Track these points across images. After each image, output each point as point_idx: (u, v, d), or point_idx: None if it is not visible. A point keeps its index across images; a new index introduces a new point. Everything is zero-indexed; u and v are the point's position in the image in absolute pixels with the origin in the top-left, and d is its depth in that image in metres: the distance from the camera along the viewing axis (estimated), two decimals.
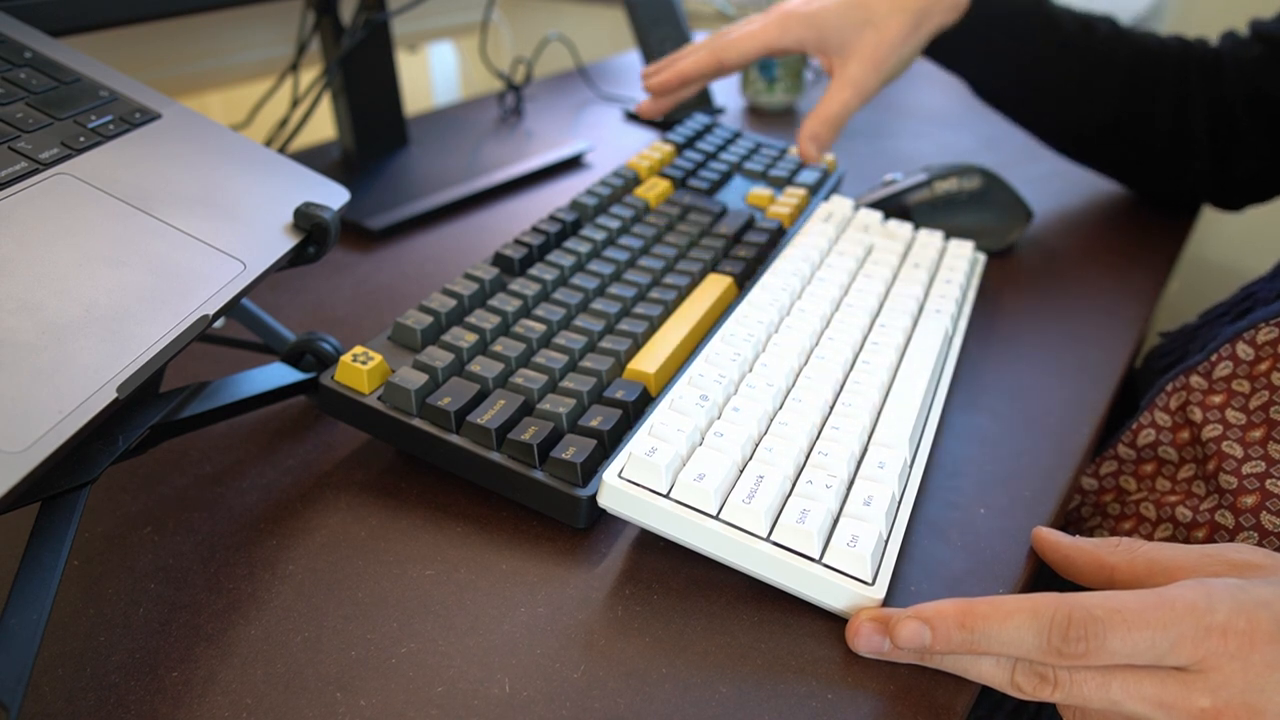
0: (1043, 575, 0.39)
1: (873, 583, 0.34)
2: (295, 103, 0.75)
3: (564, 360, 0.44)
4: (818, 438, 0.40)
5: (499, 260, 0.52)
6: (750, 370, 0.44)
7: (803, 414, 0.41)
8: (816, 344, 0.47)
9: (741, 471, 0.38)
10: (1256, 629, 0.29)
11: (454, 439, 0.40)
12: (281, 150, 0.73)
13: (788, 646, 0.34)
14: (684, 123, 0.75)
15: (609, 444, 0.40)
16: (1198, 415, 0.48)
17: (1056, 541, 0.37)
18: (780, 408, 0.42)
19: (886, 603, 0.35)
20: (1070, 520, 0.53)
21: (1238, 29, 0.71)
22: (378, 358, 0.43)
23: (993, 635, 0.31)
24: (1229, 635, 0.29)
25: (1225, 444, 0.46)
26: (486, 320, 0.46)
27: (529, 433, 0.39)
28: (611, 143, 0.87)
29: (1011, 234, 0.65)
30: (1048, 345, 0.54)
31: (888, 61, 0.62)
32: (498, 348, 0.44)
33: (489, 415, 0.40)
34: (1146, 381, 0.58)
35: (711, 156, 0.71)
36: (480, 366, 0.43)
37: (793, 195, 0.65)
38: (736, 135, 0.75)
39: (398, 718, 0.32)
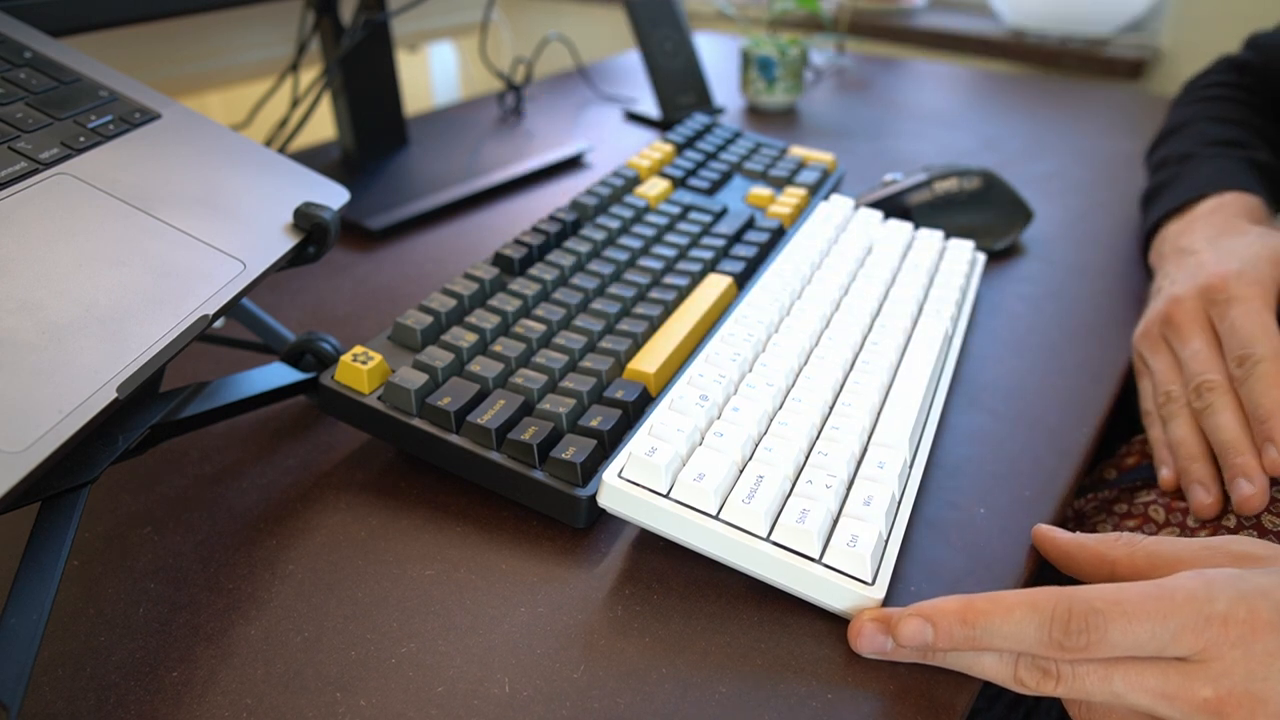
0: (1043, 576, 0.39)
1: (873, 583, 0.34)
2: (295, 103, 0.75)
3: (564, 360, 0.44)
4: (817, 438, 0.40)
5: (499, 260, 0.52)
6: (750, 370, 0.44)
7: (803, 414, 0.41)
8: (816, 344, 0.47)
9: (741, 471, 0.38)
10: (1257, 618, 0.29)
11: (454, 439, 0.40)
12: (281, 150, 0.73)
13: (788, 646, 0.34)
14: (684, 123, 0.75)
15: (609, 444, 0.40)
16: None
17: (1056, 538, 0.37)
18: (780, 408, 0.42)
19: (886, 603, 0.35)
20: (1079, 515, 0.53)
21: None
22: (378, 357, 0.43)
23: (994, 630, 0.31)
24: (1230, 624, 0.29)
25: None
26: (486, 320, 0.46)
27: (529, 433, 0.39)
28: (611, 143, 0.87)
29: (1011, 234, 0.65)
30: (1048, 345, 0.54)
31: None
32: (498, 348, 0.44)
33: (489, 415, 0.40)
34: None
35: (711, 156, 0.71)
36: (480, 366, 0.43)
37: (793, 195, 0.65)
38: (736, 135, 0.75)
39: (398, 718, 0.32)
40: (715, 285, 0.52)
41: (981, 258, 0.60)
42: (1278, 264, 0.48)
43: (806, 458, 0.39)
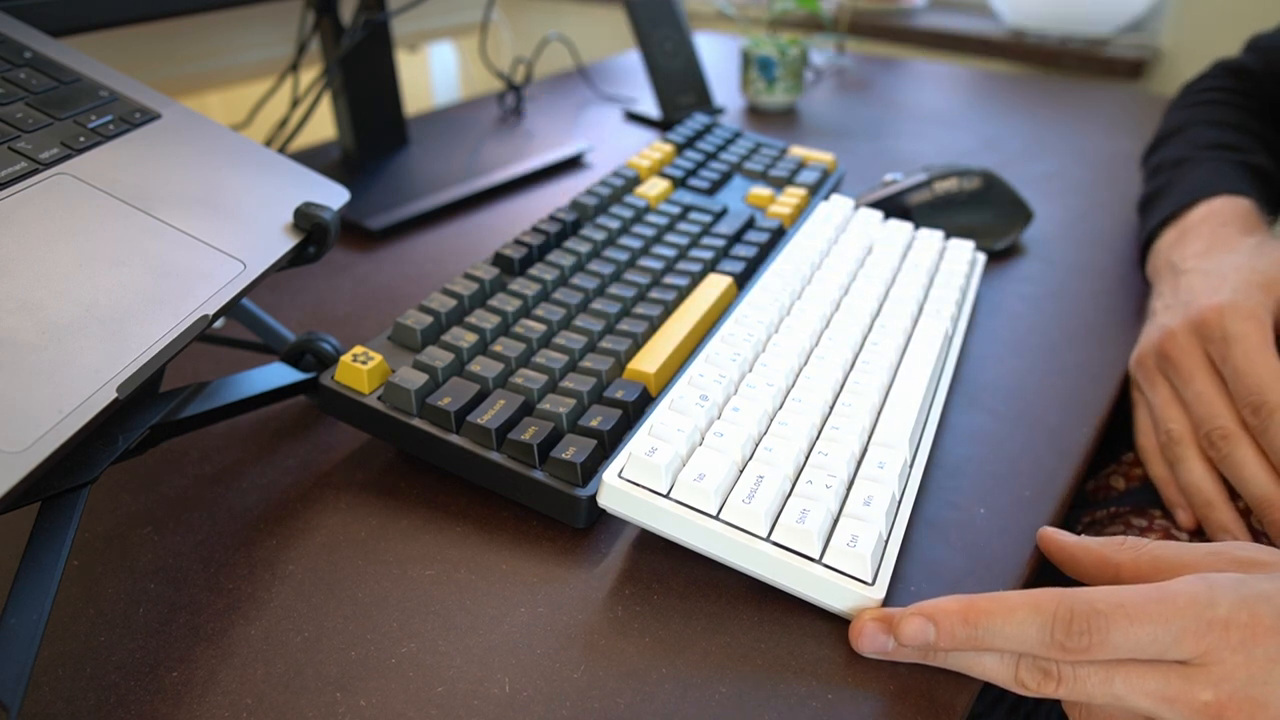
0: (1044, 576, 0.39)
1: (873, 583, 0.34)
2: (295, 103, 0.75)
3: (564, 360, 0.44)
4: (818, 438, 0.40)
5: (499, 260, 0.52)
6: (750, 370, 0.44)
7: (803, 414, 0.41)
8: (816, 344, 0.47)
9: (741, 471, 0.38)
10: (1258, 622, 0.29)
11: (454, 439, 0.40)
12: (281, 150, 0.73)
13: (788, 646, 0.34)
14: (684, 123, 0.75)
15: (609, 444, 0.40)
16: None
17: (1063, 541, 0.37)
18: (780, 408, 0.42)
19: (887, 603, 0.35)
20: (1094, 524, 0.53)
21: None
22: (378, 358, 0.43)
23: (996, 631, 0.31)
24: (1231, 628, 0.29)
25: None
26: (486, 320, 0.46)
27: (529, 433, 0.39)
28: (611, 143, 0.87)
29: (1011, 234, 0.65)
30: (1048, 345, 0.54)
31: None
32: (498, 348, 0.44)
33: (489, 415, 0.40)
34: None
35: (711, 156, 0.71)
36: (480, 366, 0.43)
37: (793, 195, 0.65)
38: (736, 135, 0.75)
39: (398, 718, 0.32)
40: (715, 285, 0.52)
41: (981, 258, 0.60)
42: (1269, 289, 0.47)
43: (806, 458, 0.39)
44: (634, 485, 0.36)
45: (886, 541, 0.36)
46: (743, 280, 0.54)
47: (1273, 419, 0.42)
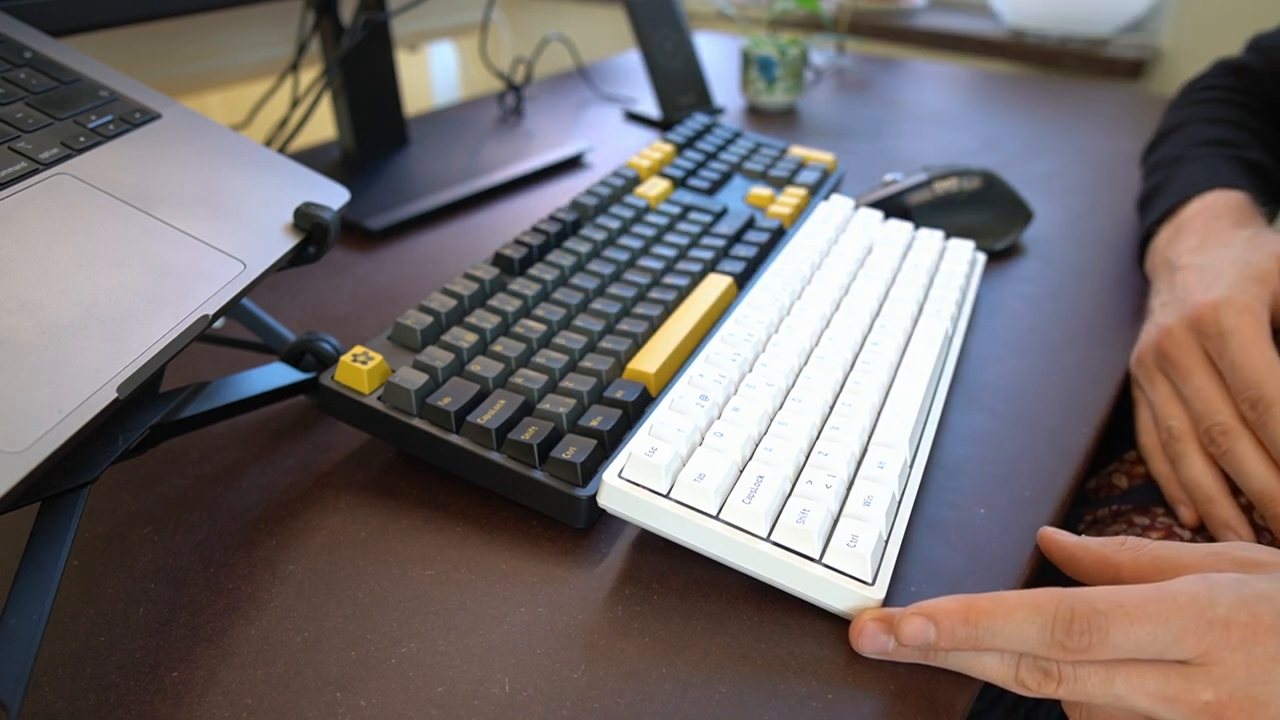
0: (1044, 576, 0.39)
1: (873, 583, 0.34)
2: (295, 103, 0.75)
3: (564, 360, 0.44)
4: (818, 438, 0.40)
5: (499, 260, 0.52)
6: (750, 370, 0.44)
7: (803, 414, 0.41)
8: (816, 344, 0.47)
9: (741, 472, 0.38)
10: (1258, 622, 0.29)
11: (454, 439, 0.40)
12: (281, 150, 0.73)
13: (788, 647, 0.34)
14: (684, 123, 0.75)
15: (609, 444, 0.40)
16: None
17: (1063, 541, 0.37)
18: (780, 408, 0.42)
19: (887, 603, 0.35)
20: (1096, 522, 0.53)
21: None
22: (378, 358, 0.43)
23: (996, 630, 0.31)
24: (1231, 628, 0.29)
25: None
26: (486, 320, 0.46)
27: (529, 433, 0.39)
28: (611, 143, 0.87)
29: (1011, 234, 0.65)
30: (1048, 345, 0.54)
31: None
32: (498, 348, 0.44)
33: (489, 415, 0.40)
34: None
35: (711, 156, 0.71)
36: (480, 366, 0.43)
37: (793, 195, 0.65)
38: (736, 135, 0.75)
39: (398, 718, 0.32)
40: (715, 285, 0.52)
41: (981, 258, 0.60)
42: (1264, 281, 0.47)
43: (806, 458, 0.39)
44: (634, 485, 0.36)
45: (886, 541, 0.36)
46: (743, 280, 0.54)
47: (1270, 412, 0.42)
